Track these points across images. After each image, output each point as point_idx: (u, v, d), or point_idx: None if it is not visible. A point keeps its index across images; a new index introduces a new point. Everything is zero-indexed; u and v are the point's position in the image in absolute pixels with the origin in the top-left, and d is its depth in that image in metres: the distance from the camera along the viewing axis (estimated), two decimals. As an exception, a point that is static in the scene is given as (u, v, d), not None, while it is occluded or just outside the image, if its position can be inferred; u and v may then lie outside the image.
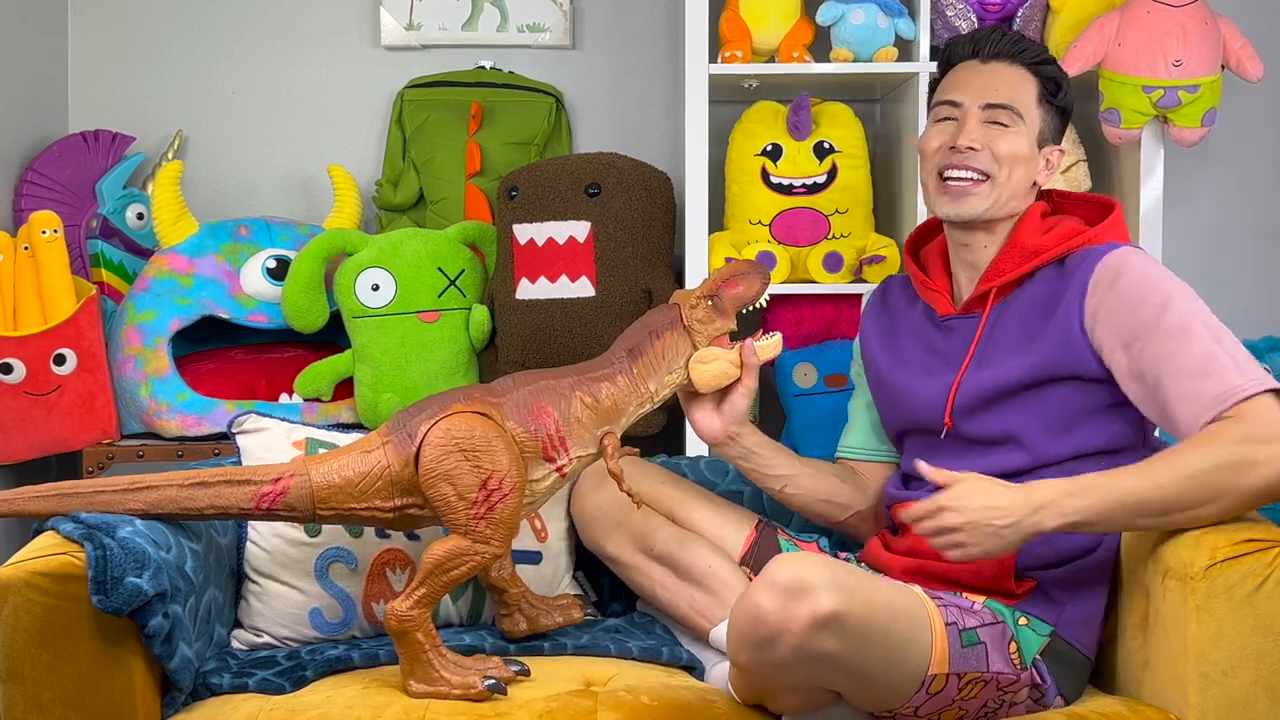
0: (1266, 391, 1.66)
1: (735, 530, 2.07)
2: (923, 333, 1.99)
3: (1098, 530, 1.70)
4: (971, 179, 1.88)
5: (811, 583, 1.55)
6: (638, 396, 1.87)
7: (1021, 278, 1.89)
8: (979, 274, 1.94)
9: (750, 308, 1.90)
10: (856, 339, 2.15)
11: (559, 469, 1.84)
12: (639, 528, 2.04)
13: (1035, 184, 1.93)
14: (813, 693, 1.68)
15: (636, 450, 1.95)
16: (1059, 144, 1.95)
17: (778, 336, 1.92)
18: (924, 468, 1.74)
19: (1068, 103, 1.95)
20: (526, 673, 1.78)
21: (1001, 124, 1.89)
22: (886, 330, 2.05)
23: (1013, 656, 1.76)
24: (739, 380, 1.91)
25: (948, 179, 1.90)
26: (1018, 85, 1.91)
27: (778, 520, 2.24)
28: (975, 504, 1.67)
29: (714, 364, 1.89)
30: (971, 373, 1.89)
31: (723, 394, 1.94)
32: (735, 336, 1.94)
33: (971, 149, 1.88)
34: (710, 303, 1.89)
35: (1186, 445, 1.67)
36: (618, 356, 1.89)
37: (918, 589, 1.73)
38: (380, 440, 1.82)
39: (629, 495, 1.85)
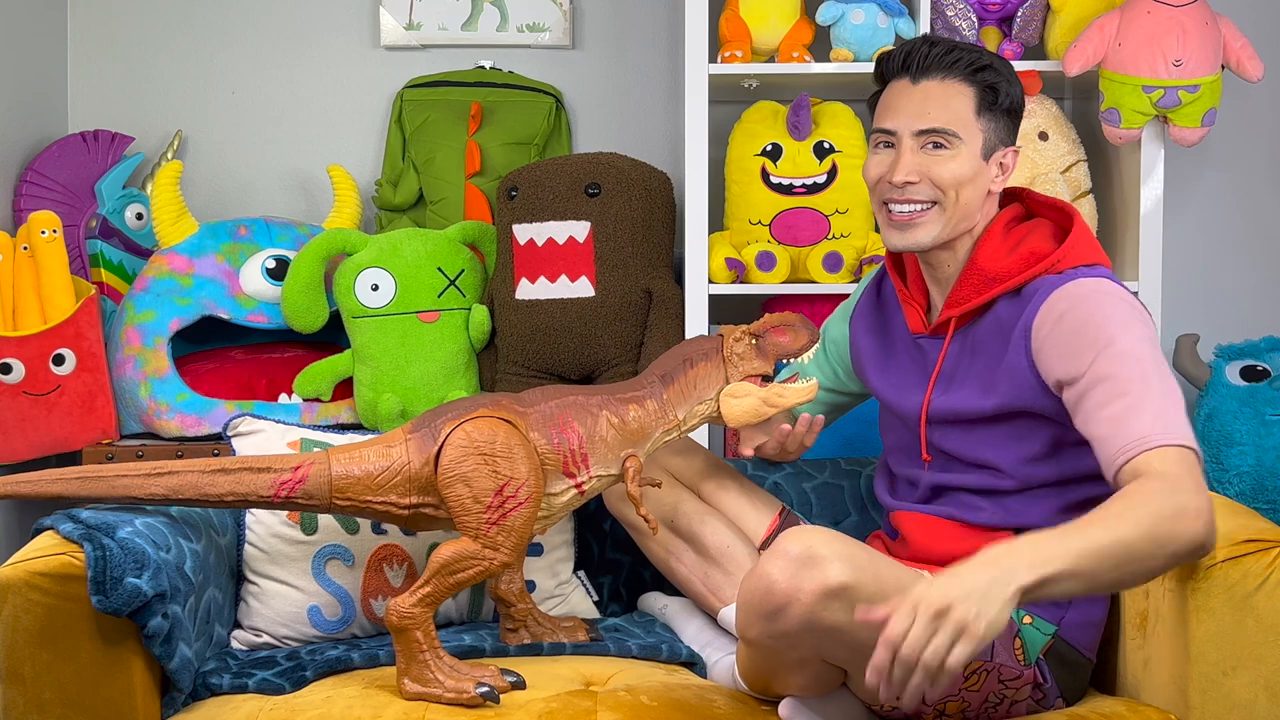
0: (1173, 446, 1.61)
1: (759, 515, 2.08)
2: (905, 343, 1.98)
3: (1063, 588, 1.50)
4: (917, 210, 1.83)
5: (822, 554, 1.56)
6: (665, 423, 1.88)
7: (983, 305, 1.85)
8: (947, 291, 1.90)
9: (788, 360, 1.90)
10: (840, 322, 2.14)
11: (578, 485, 1.84)
12: (664, 499, 2.06)
13: (991, 193, 1.87)
14: (820, 673, 1.68)
15: (659, 482, 1.96)
16: (1013, 144, 1.88)
17: (814, 382, 1.91)
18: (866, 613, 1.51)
19: (1013, 103, 1.86)
20: (522, 685, 1.78)
21: (939, 145, 1.82)
22: (880, 328, 2.04)
23: (1017, 652, 1.77)
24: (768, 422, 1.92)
25: (893, 212, 1.85)
26: (951, 102, 1.82)
27: (801, 511, 2.25)
28: (944, 581, 1.45)
29: (745, 399, 1.88)
30: (937, 396, 1.88)
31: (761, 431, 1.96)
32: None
33: (909, 183, 1.82)
34: (754, 341, 1.89)
35: (1119, 500, 1.56)
36: (650, 380, 1.89)
37: (926, 574, 1.73)
38: (403, 436, 1.82)
39: (645, 520, 1.85)
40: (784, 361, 1.91)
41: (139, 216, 2.78)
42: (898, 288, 1.98)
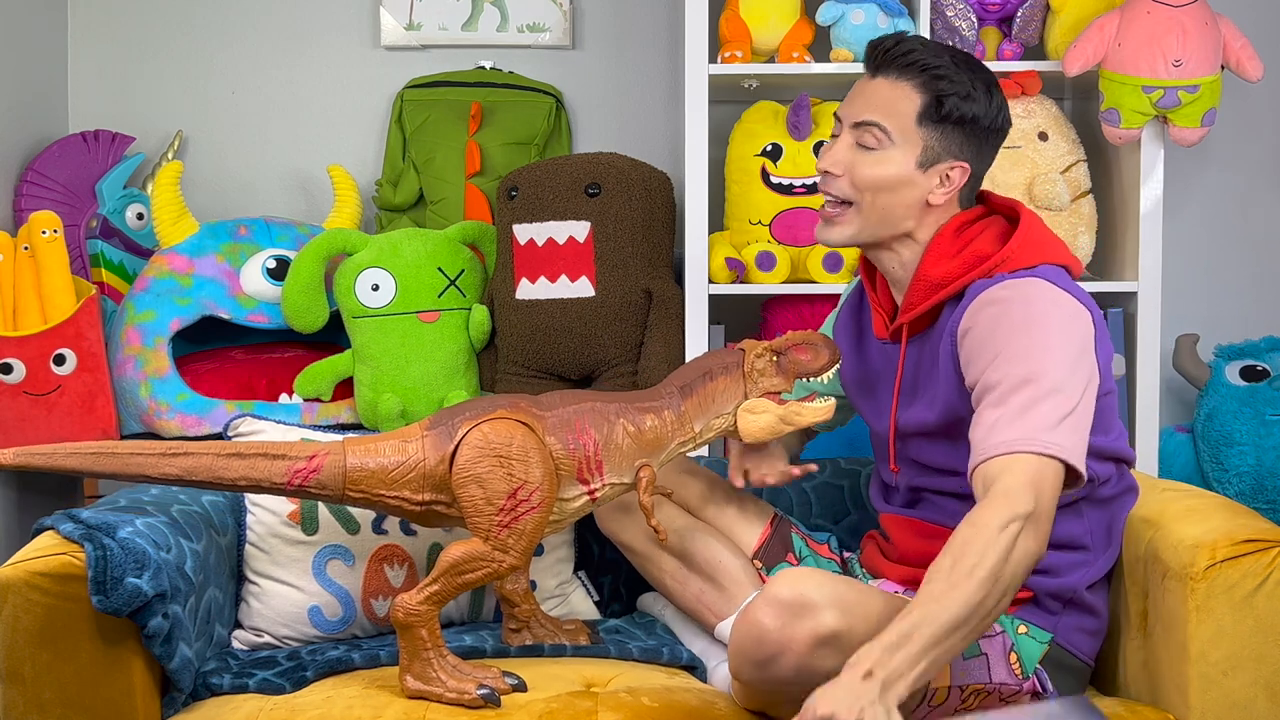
0: (1026, 454, 1.60)
1: (750, 524, 2.07)
2: (877, 349, 1.97)
3: (936, 669, 1.52)
4: (833, 204, 1.82)
5: (814, 600, 1.55)
6: (682, 434, 1.87)
7: (934, 309, 1.83)
8: (902, 295, 1.89)
9: (808, 379, 1.89)
10: (829, 328, 2.14)
11: (591, 492, 1.84)
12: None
13: (930, 204, 1.82)
14: None
15: (670, 490, 1.96)
16: (965, 159, 1.81)
17: (831, 402, 1.90)
18: None
19: (966, 116, 1.79)
20: (523, 688, 1.78)
21: (867, 146, 1.80)
22: (857, 336, 2.03)
23: (1014, 667, 1.76)
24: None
25: (823, 202, 1.85)
26: (894, 103, 1.79)
27: (801, 511, 2.25)
28: (840, 694, 1.46)
29: (763, 416, 1.88)
30: (902, 410, 1.88)
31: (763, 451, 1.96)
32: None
33: (829, 173, 1.81)
34: (775, 358, 1.88)
35: (961, 562, 1.53)
36: (669, 391, 1.89)
37: None
38: (420, 432, 1.82)
39: (655, 530, 1.85)
40: (804, 380, 1.90)
41: (139, 216, 2.78)
42: (867, 291, 1.96)
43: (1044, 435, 1.61)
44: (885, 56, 1.81)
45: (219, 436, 2.55)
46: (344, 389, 2.60)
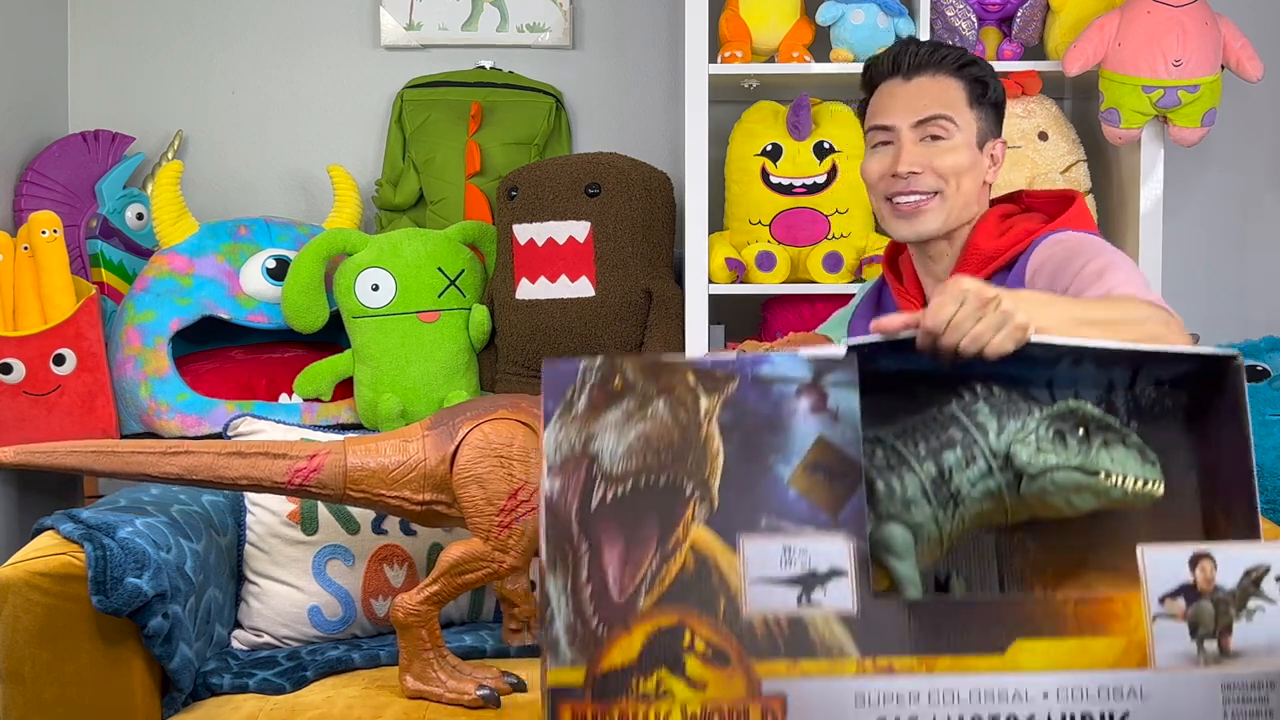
0: (1154, 303, 1.63)
1: None
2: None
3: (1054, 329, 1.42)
4: (922, 199, 1.86)
5: None
6: None
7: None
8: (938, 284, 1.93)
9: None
10: (837, 327, 2.14)
11: None
12: None
13: (986, 183, 1.92)
14: None
15: None
16: (1000, 136, 1.93)
17: None
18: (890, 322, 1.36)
19: (998, 97, 1.92)
20: (523, 688, 1.78)
21: (937, 136, 1.86)
22: None
23: None
24: None
25: (898, 203, 1.88)
26: (944, 93, 1.88)
27: None
28: (982, 283, 1.36)
29: None
30: None
31: None
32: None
33: (914, 173, 1.86)
34: None
35: (1115, 301, 1.57)
36: None
37: None
38: (421, 432, 1.82)
39: None
40: None
41: (139, 216, 2.78)
42: (894, 288, 1.99)
43: (1156, 299, 1.63)
44: (916, 59, 1.89)
45: (219, 436, 2.55)
46: (344, 389, 2.60)
